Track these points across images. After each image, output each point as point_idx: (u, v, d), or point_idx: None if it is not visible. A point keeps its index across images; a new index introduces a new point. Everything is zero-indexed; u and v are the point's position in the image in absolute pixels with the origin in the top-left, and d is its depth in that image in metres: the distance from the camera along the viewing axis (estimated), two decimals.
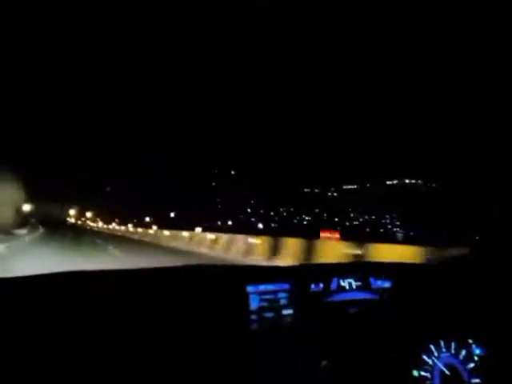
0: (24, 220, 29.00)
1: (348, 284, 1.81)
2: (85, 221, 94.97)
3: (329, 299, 1.74)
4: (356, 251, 10.16)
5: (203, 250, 17.18)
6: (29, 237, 20.66)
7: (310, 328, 1.61)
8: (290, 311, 1.63)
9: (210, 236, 19.44)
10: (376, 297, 1.82)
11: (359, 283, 1.83)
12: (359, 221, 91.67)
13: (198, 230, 26.88)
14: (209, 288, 1.53)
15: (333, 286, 1.77)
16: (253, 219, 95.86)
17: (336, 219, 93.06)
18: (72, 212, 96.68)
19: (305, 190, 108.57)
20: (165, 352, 1.28)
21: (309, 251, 11.64)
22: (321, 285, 1.74)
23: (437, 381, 1.42)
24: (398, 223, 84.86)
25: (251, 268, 1.92)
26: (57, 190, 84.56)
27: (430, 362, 1.43)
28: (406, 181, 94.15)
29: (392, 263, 2.17)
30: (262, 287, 1.61)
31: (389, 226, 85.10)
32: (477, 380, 1.44)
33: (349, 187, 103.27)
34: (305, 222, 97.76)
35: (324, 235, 16.29)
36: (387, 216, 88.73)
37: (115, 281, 1.48)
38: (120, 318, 1.28)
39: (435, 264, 2.25)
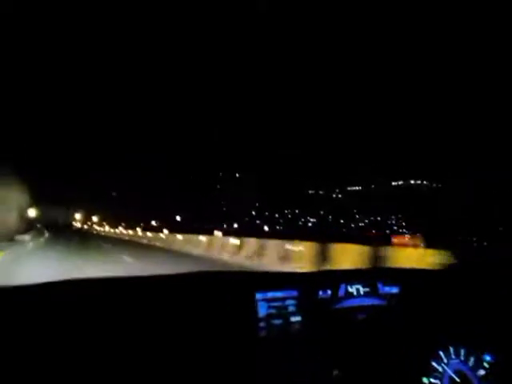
0: (29, 225, 28.45)
1: (356, 290, 1.81)
2: (91, 225, 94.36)
3: (337, 306, 1.74)
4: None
5: (225, 257, 15.52)
6: (32, 243, 19.86)
7: (319, 335, 1.61)
8: (299, 318, 1.63)
9: (234, 241, 17.32)
10: (384, 303, 1.81)
11: (367, 289, 1.83)
12: (364, 222, 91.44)
13: (218, 234, 24.69)
14: (218, 295, 1.53)
15: (341, 293, 1.77)
16: (258, 221, 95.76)
17: (342, 221, 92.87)
18: (78, 216, 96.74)
19: (309, 192, 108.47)
20: (174, 359, 1.28)
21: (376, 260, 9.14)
22: (329, 291, 1.74)
23: None
24: (404, 224, 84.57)
25: (260, 275, 1.93)
26: (62, 194, 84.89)
27: (440, 369, 1.42)
28: (412, 181, 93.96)
29: (399, 269, 2.13)
30: (271, 294, 1.61)
31: (394, 228, 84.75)
32: None
33: (353, 188, 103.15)
34: (309, 224, 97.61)
35: (399, 241, 14.33)
36: (393, 217, 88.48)
37: (123, 288, 1.46)
38: (129, 325, 1.28)
39: (443, 269, 2.19)
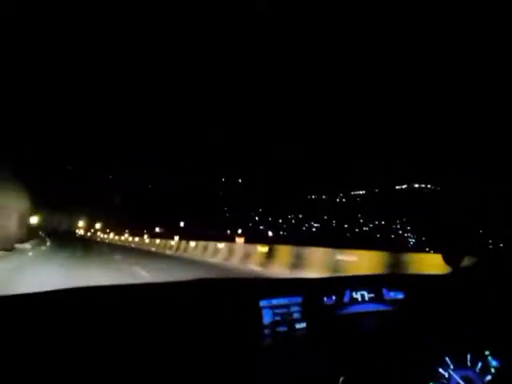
0: (30, 233, 27.89)
1: (361, 296, 1.81)
2: (94, 232, 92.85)
3: (342, 311, 1.74)
4: None
5: (254, 268, 13.43)
6: (34, 252, 18.64)
7: (324, 341, 1.60)
8: (303, 325, 1.63)
9: (261, 248, 15.19)
10: (389, 308, 1.82)
11: (372, 295, 1.83)
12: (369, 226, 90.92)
13: (240, 241, 21.89)
14: (222, 302, 1.53)
15: (346, 299, 1.77)
16: (261, 227, 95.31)
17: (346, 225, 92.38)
18: (80, 223, 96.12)
19: (312, 197, 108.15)
20: (178, 366, 1.27)
21: None
22: (333, 297, 1.74)
23: None
24: (409, 228, 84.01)
25: (264, 281, 1.96)
26: (64, 201, 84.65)
27: (446, 375, 1.39)
28: (416, 185, 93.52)
29: (404, 274, 2.43)
30: (275, 301, 1.62)
31: (399, 232, 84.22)
32: None
33: (357, 193, 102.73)
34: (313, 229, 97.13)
35: None
36: (397, 221, 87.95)
37: (128, 296, 1.47)
38: (134, 332, 1.28)
39: (448, 274, 2.04)
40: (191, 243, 23.21)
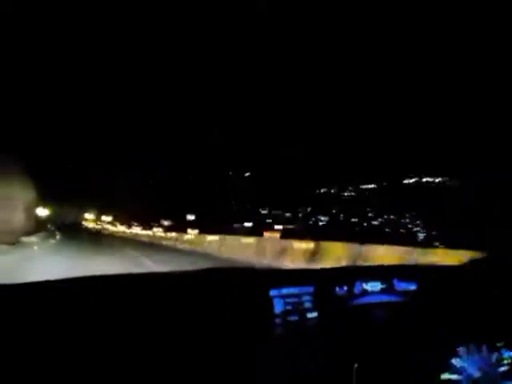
0: (39, 226, 27.38)
1: (372, 287, 1.78)
2: (104, 225, 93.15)
3: (353, 302, 1.72)
4: None
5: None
6: (42, 245, 18.03)
7: (335, 331, 1.58)
8: (315, 314, 1.62)
9: (300, 245, 12.84)
10: (401, 299, 1.79)
11: (383, 286, 1.81)
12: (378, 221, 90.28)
13: (271, 236, 19.10)
14: (233, 291, 1.52)
15: (357, 289, 1.75)
16: (269, 220, 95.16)
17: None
18: (89, 216, 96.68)
19: (321, 190, 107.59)
20: (189, 356, 1.26)
21: None
22: (345, 287, 1.72)
23: None
24: (419, 222, 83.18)
25: (275, 271, 1.90)
26: (73, 193, 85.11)
27: (460, 366, 1.40)
28: (424, 180, 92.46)
29: (416, 265, 1.98)
30: (286, 290, 1.60)
31: (409, 226, 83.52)
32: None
33: (367, 187, 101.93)
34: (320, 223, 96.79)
35: None
36: (407, 215, 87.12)
37: (138, 285, 1.44)
38: (144, 322, 1.27)
39: (461, 266, 2.10)
40: (210, 237, 21.57)
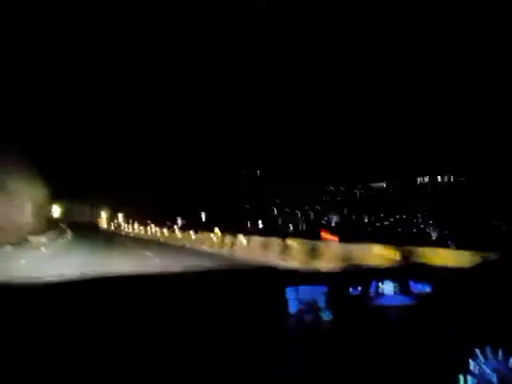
0: (50, 225, 25.84)
1: (387, 288, 1.79)
2: (118, 225, 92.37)
3: (368, 303, 1.74)
4: None
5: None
6: (51, 246, 16.46)
7: (350, 331, 1.58)
8: (329, 314, 1.65)
9: (382, 250, 10.27)
10: (416, 301, 1.80)
11: (398, 287, 1.82)
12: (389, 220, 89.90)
13: (329, 238, 17.30)
14: (249, 290, 1.54)
15: (372, 290, 1.77)
16: (279, 220, 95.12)
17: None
18: (103, 215, 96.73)
19: (330, 188, 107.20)
20: (202, 352, 1.27)
21: None
22: (359, 288, 1.74)
23: None
24: (431, 222, 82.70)
25: (291, 271, 1.67)
26: (86, 191, 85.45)
27: (477, 368, 1.40)
28: (439, 178, 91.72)
29: (431, 266, 2.01)
30: (301, 290, 1.63)
31: (421, 226, 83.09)
32: None
33: (377, 185, 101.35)
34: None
35: None
36: (419, 215, 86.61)
37: (153, 283, 1.44)
38: (158, 318, 1.30)
39: (476, 268, 2.12)
40: (242, 239, 19.08)
